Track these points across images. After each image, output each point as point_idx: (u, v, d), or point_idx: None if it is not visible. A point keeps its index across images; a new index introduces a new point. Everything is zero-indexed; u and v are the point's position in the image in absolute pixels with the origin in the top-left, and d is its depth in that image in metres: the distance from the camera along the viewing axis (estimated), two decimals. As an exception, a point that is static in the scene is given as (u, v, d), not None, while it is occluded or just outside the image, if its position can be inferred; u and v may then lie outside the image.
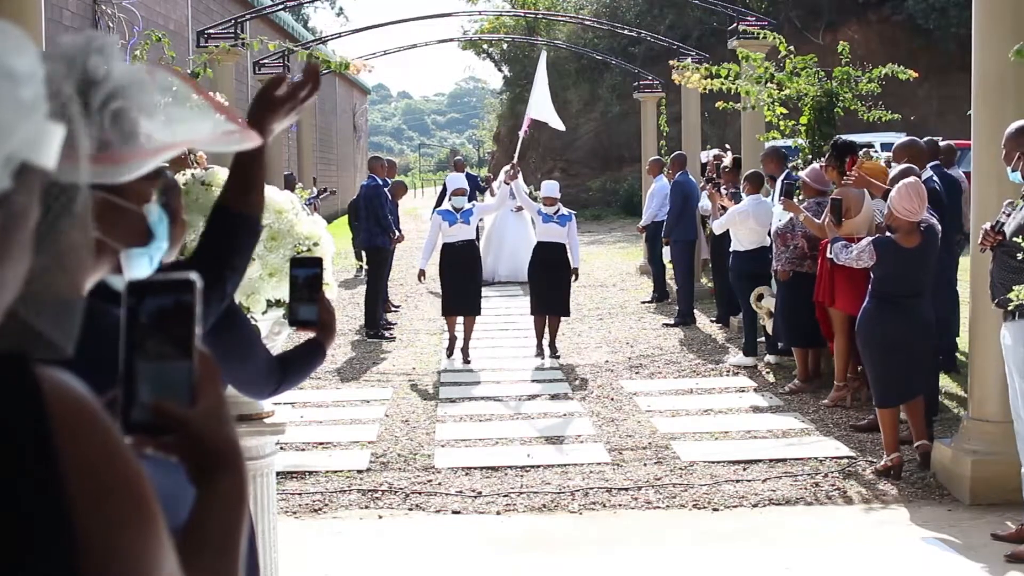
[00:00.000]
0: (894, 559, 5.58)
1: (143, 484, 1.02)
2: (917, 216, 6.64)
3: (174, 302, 1.12)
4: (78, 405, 1.00)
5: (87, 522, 0.97)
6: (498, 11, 35.41)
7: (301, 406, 8.94)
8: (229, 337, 2.63)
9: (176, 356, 1.13)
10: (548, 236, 10.94)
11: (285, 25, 29.35)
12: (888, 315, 6.72)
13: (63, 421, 0.98)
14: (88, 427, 1.00)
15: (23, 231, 1.01)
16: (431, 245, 11.25)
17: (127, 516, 1.00)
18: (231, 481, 1.18)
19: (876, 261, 6.73)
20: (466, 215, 11.00)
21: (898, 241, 6.71)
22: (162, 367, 1.12)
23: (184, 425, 1.15)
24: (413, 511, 6.47)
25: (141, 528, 1.01)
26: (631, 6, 33.72)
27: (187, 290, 1.12)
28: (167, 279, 1.13)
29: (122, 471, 1.01)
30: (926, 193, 6.76)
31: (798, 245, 8.96)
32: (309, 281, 2.59)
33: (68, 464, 0.97)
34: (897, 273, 6.71)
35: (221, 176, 3.70)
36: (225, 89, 12.14)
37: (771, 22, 12.73)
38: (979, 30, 6.39)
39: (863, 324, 6.85)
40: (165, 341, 1.12)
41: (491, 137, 42.94)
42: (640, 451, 7.57)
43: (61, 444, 0.97)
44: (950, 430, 7.36)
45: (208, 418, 1.16)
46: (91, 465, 0.99)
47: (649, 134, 18.70)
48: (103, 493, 0.99)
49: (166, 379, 1.13)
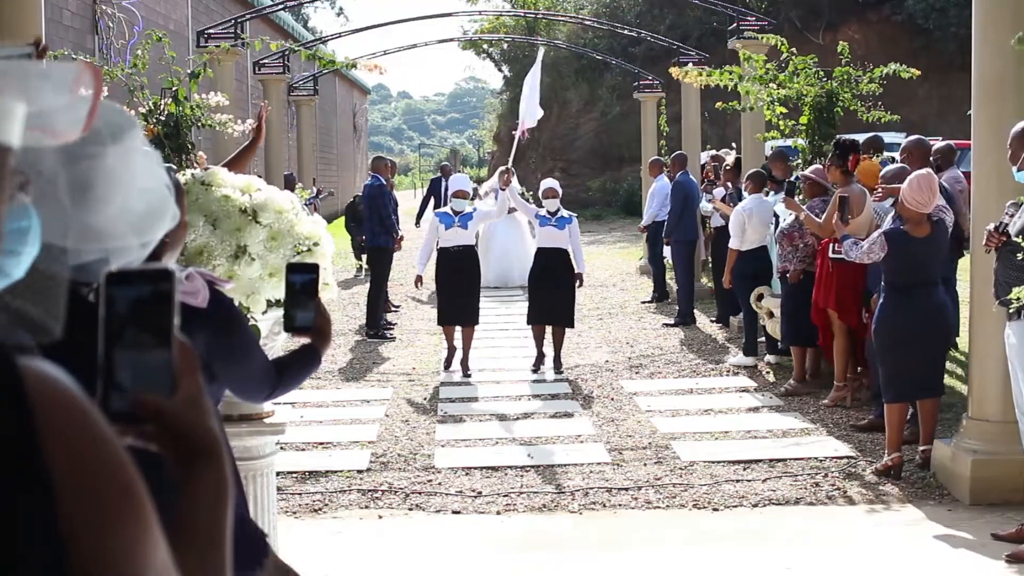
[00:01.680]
0: (894, 559, 5.58)
1: (131, 476, 1.02)
2: (928, 208, 6.66)
3: (152, 291, 1.12)
4: (62, 397, 1.00)
5: (74, 516, 0.96)
6: (498, 11, 35.43)
7: (301, 406, 8.94)
8: (229, 340, 2.63)
9: (155, 345, 1.12)
10: (548, 241, 10.29)
11: (285, 25, 29.36)
12: (904, 306, 6.73)
13: (47, 414, 0.97)
14: (73, 419, 0.99)
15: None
16: (428, 249, 10.65)
17: (115, 509, 0.99)
18: (212, 471, 1.18)
19: (887, 252, 6.74)
20: (464, 219, 10.30)
21: (908, 231, 6.73)
22: (141, 356, 1.12)
23: (163, 415, 1.14)
24: (413, 511, 6.47)
25: (129, 520, 1.00)
26: (631, 6, 33.72)
27: (165, 279, 1.12)
28: (145, 269, 1.13)
29: (109, 463, 1.00)
30: (937, 186, 6.79)
31: (808, 243, 8.95)
32: (306, 287, 2.59)
33: (53, 458, 0.96)
34: (909, 263, 6.73)
35: (221, 176, 3.70)
36: (225, 89, 12.14)
37: (771, 22, 12.74)
38: (979, 30, 6.39)
39: (879, 319, 6.85)
40: (144, 330, 1.12)
41: (491, 137, 42.93)
42: (640, 451, 7.57)
43: (45, 438, 0.96)
44: (950, 430, 7.35)
45: (187, 407, 1.15)
46: (77, 458, 0.98)
47: (649, 134, 18.71)
48: (90, 486, 0.98)
49: (145, 368, 1.12)
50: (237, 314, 2.72)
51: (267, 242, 3.56)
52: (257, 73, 17.50)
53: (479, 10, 35.01)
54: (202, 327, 2.50)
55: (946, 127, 24.25)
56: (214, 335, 2.56)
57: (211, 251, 3.53)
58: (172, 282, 1.12)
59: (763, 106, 10.05)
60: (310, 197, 14.72)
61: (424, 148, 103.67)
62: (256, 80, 18.77)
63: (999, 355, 5.92)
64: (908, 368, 6.73)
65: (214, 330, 2.56)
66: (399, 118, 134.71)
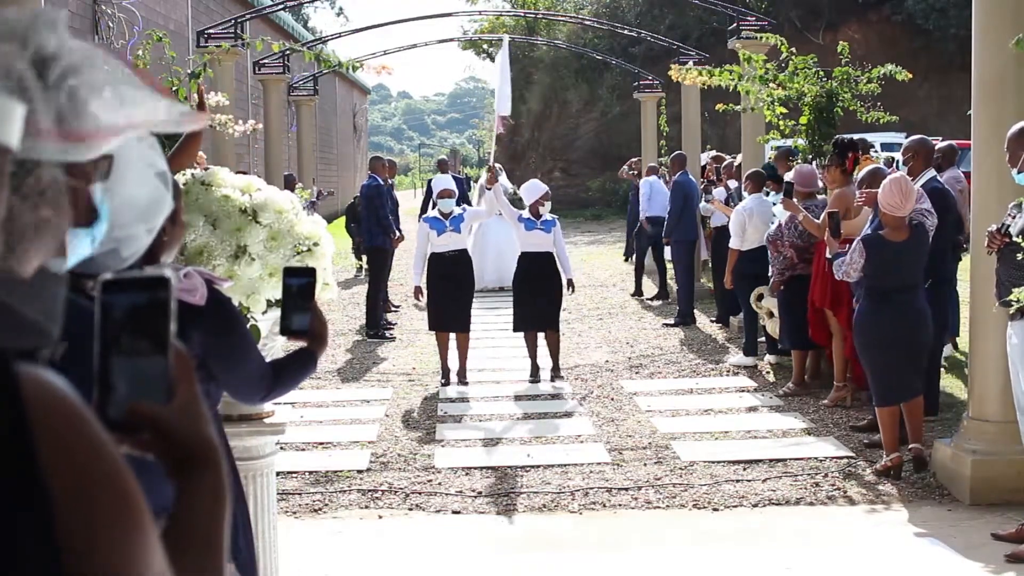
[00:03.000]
0: (894, 559, 5.58)
1: (128, 481, 1.01)
2: (902, 211, 6.63)
3: (148, 299, 1.11)
4: (60, 403, 0.99)
5: (70, 521, 0.96)
6: (498, 11, 35.42)
7: (301, 406, 8.94)
8: (227, 340, 2.63)
9: (151, 352, 1.12)
10: (533, 245, 9.75)
11: (285, 25, 29.37)
12: (882, 311, 6.72)
13: (43, 420, 0.97)
14: (70, 426, 0.99)
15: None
16: (421, 257, 9.94)
17: (111, 514, 0.99)
18: (208, 478, 1.17)
19: (866, 258, 6.73)
20: (456, 221, 9.75)
21: (886, 236, 6.71)
22: (137, 363, 1.12)
23: (159, 423, 1.13)
24: (413, 511, 6.47)
25: (126, 526, 1.00)
26: (631, 6, 33.72)
27: (162, 287, 1.12)
28: (141, 276, 1.13)
29: (105, 469, 1.00)
30: (913, 189, 6.75)
31: (787, 255, 8.94)
32: (303, 290, 2.59)
33: (49, 464, 0.96)
34: (887, 268, 6.71)
35: (221, 176, 3.70)
36: (225, 89, 12.14)
37: (771, 22, 12.74)
38: (979, 29, 6.39)
39: (859, 322, 6.85)
40: (140, 337, 1.11)
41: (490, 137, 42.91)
42: (640, 451, 7.57)
43: (41, 443, 0.96)
44: (950, 430, 7.35)
45: (183, 415, 1.15)
46: (73, 464, 0.98)
47: (649, 134, 18.73)
48: (86, 492, 0.98)
49: (142, 376, 1.12)
50: (235, 314, 2.72)
51: (267, 242, 3.56)
52: (257, 73, 17.52)
53: (479, 10, 35.05)
54: (200, 325, 2.50)
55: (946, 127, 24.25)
56: (212, 334, 2.56)
57: (211, 251, 3.53)
58: (168, 290, 1.12)
59: (763, 106, 10.06)
60: (311, 199, 14.71)
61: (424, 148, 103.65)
62: (256, 80, 18.78)
63: (999, 355, 5.92)
64: (888, 372, 6.73)
65: (212, 329, 2.55)
66: (399, 118, 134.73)
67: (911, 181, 6.90)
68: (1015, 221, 5.59)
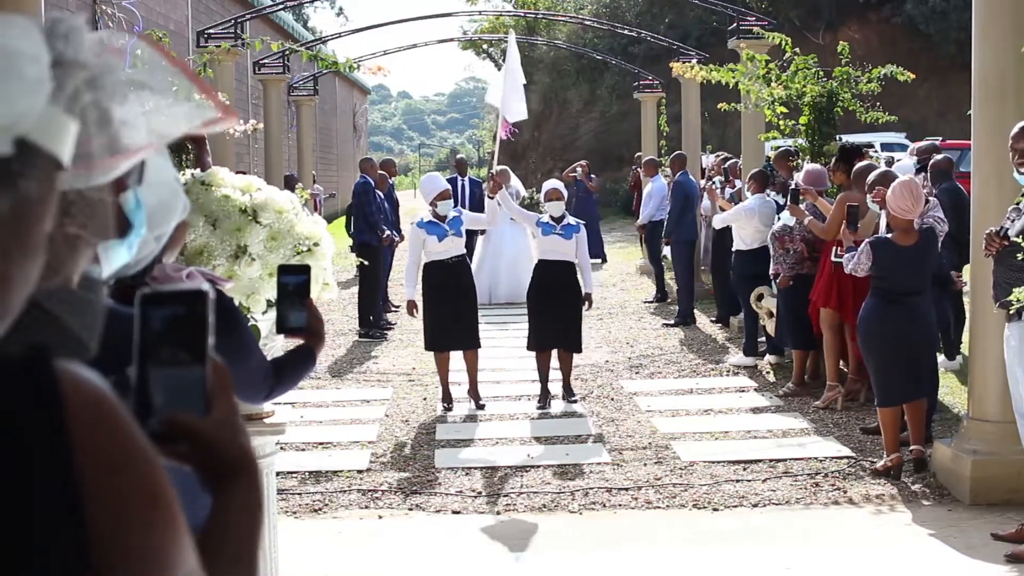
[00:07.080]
0: (894, 559, 5.58)
1: (161, 482, 1.02)
2: (911, 214, 6.63)
3: (187, 311, 1.13)
4: (96, 401, 1.00)
5: (102, 519, 0.97)
6: (498, 11, 35.41)
7: (301, 406, 8.94)
8: (228, 340, 2.63)
9: (189, 364, 1.13)
10: (552, 253, 8.67)
11: (285, 25, 29.37)
12: (888, 314, 6.71)
13: (80, 417, 0.98)
14: (105, 423, 1.00)
15: (39, 222, 1.00)
16: (415, 266, 8.76)
17: (144, 514, 1.00)
18: (246, 489, 1.19)
19: (873, 260, 6.73)
20: (456, 224, 8.63)
21: (894, 240, 6.71)
22: (175, 375, 1.13)
23: (196, 434, 1.15)
24: (413, 511, 6.47)
25: (158, 526, 1.00)
26: (631, 6, 33.73)
27: (199, 301, 1.13)
28: (179, 290, 1.15)
29: (139, 469, 1.01)
30: (923, 193, 6.76)
31: (797, 249, 8.93)
32: (298, 288, 2.61)
33: (83, 461, 0.97)
34: (895, 272, 6.71)
35: (221, 176, 3.70)
36: (225, 89, 12.15)
37: (771, 22, 12.73)
38: (979, 29, 6.39)
39: (863, 322, 6.85)
40: (178, 349, 1.13)
41: (491, 137, 42.92)
42: (640, 451, 7.57)
43: (76, 440, 0.97)
44: (950, 430, 7.35)
45: (222, 427, 1.16)
46: (107, 462, 0.98)
47: (649, 134, 18.73)
48: (119, 490, 0.98)
49: (179, 387, 1.13)
50: (237, 314, 2.72)
51: (267, 242, 3.56)
52: (257, 73, 17.52)
53: (479, 10, 35.02)
54: None
55: (946, 127, 24.27)
56: (215, 334, 2.55)
57: (211, 251, 3.53)
58: (207, 303, 1.14)
59: (764, 106, 10.06)
60: (312, 196, 14.74)
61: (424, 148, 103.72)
62: (256, 80, 18.79)
63: (999, 355, 5.92)
64: (891, 373, 6.73)
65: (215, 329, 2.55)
66: (399, 118, 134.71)
67: (920, 185, 6.87)
68: (1013, 224, 5.59)
